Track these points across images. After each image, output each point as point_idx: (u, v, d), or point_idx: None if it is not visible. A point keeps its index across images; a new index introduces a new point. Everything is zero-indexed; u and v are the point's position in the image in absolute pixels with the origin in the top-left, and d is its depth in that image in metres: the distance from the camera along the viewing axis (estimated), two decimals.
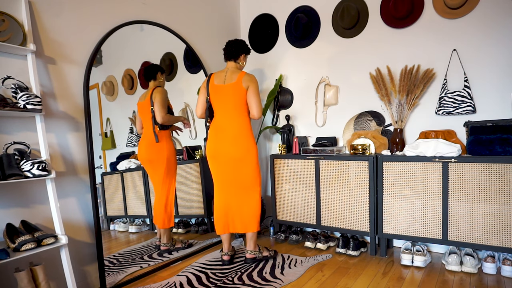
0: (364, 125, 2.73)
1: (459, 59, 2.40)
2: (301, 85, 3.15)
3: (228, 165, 2.33)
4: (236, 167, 2.33)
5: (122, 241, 2.57)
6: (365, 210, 2.47)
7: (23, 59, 1.77)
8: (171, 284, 2.09)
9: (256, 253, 2.40)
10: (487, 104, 2.32)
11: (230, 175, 2.36)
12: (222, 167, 2.36)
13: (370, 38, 2.76)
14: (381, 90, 2.59)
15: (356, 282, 2.07)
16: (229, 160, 2.32)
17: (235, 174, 2.35)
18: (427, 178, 2.24)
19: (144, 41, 2.57)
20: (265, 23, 3.32)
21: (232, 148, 2.29)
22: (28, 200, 1.80)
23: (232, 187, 2.38)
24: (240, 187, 2.37)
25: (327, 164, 2.62)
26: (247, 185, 2.36)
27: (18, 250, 1.52)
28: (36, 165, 1.62)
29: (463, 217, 2.15)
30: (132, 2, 2.39)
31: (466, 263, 2.12)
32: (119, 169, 2.50)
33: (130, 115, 2.53)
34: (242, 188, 2.37)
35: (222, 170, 2.37)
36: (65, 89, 1.98)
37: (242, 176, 2.35)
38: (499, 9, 2.25)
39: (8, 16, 1.68)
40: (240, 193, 2.38)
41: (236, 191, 2.38)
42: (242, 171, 2.34)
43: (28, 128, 1.79)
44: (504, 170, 2.01)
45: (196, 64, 2.94)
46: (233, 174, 2.35)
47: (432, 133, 2.44)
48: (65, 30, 1.98)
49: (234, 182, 2.37)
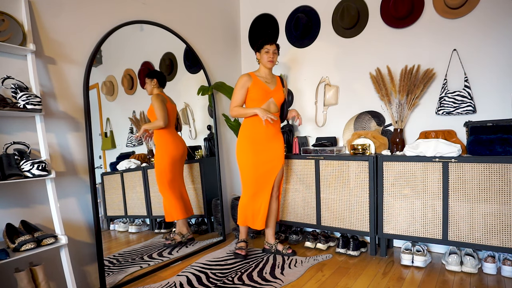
0: (364, 125, 2.73)
1: (459, 59, 2.40)
2: (301, 85, 3.15)
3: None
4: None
5: (122, 241, 2.57)
6: (365, 210, 2.47)
7: (23, 59, 1.77)
8: (171, 284, 2.09)
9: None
10: (487, 104, 2.32)
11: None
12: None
13: (370, 38, 2.76)
14: (381, 90, 2.59)
15: (356, 282, 2.07)
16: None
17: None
18: (427, 178, 2.24)
19: (144, 41, 2.57)
20: (265, 23, 3.32)
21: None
22: (28, 200, 1.80)
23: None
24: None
25: (327, 164, 2.62)
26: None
27: (18, 250, 1.52)
28: (36, 165, 1.62)
29: (463, 217, 2.15)
30: (132, 2, 2.39)
31: (466, 263, 2.12)
32: (119, 169, 2.50)
33: (130, 115, 2.53)
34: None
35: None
36: (65, 89, 1.98)
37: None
38: (499, 9, 2.25)
39: (8, 16, 1.68)
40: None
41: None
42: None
43: (28, 128, 1.79)
44: (504, 170, 2.01)
45: (196, 64, 2.93)
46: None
47: (432, 133, 2.43)
48: (65, 30, 1.98)
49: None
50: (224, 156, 3.19)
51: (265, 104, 2.44)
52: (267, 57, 2.42)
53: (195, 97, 2.92)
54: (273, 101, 2.47)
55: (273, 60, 2.44)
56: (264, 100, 2.44)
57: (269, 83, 2.47)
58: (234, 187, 3.33)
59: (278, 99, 2.48)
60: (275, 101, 2.48)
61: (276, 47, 2.46)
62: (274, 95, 2.46)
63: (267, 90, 2.44)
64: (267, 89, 2.44)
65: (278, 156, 2.49)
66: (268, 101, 2.45)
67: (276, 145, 2.50)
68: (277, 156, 2.49)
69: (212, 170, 3.00)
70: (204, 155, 3.02)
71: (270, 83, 2.48)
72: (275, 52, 2.44)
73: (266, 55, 2.42)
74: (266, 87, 2.44)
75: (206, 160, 2.97)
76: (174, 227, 2.75)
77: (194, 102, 2.96)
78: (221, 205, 2.99)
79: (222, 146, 3.15)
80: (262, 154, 2.47)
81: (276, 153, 2.49)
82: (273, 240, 2.59)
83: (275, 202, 2.58)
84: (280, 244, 2.58)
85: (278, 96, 2.48)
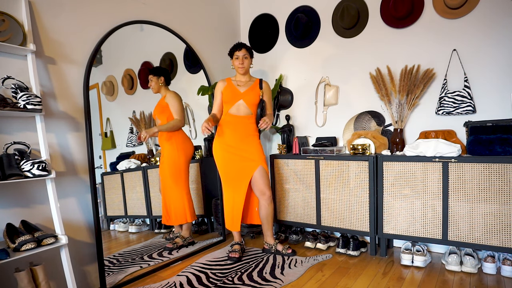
0: (364, 125, 2.73)
1: (459, 59, 2.40)
2: (301, 85, 3.15)
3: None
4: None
5: (122, 241, 2.57)
6: (365, 210, 2.47)
7: (23, 59, 1.77)
8: (171, 284, 2.09)
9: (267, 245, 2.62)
10: (487, 104, 2.32)
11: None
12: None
13: (370, 38, 2.76)
14: (381, 90, 2.59)
15: (356, 282, 2.07)
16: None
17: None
18: (427, 178, 2.24)
19: (144, 41, 2.57)
20: (265, 23, 3.32)
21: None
22: (28, 200, 1.80)
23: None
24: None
25: (327, 164, 2.62)
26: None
27: (18, 250, 1.52)
28: (36, 165, 1.62)
29: (463, 217, 2.15)
30: (132, 2, 2.39)
31: (466, 263, 2.12)
32: (119, 169, 2.50)
33: (130, 115, 2.54)
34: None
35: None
36: (65, 89, 1.98)
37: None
38: (499, 9, 2.25)
39: (8, 16, 1.68)
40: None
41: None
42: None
43: (28, 128, 1.79)
44: (504, 170, 2.01)
45: (196, 64, 2.94)
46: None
47: (432, 133, 2.43)
48: (65, 30, 1.98)
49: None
50: None
51: (234, 106, 2.47)
52: (237, 63, 2.47)
53: (195, 97, 2.92)
54: (243, 103, 2.47)
55: (244, 65, 2.46)
56: (232, 102, 2.47)
57: (241, 86, 2.50)
58: None
59: (248, 100, 2.47)
60: (246, 103, 2.47)
61: (247, 50, 2.47)
62: (243, 97, 2.46)
63: (236, 92, 2.47)
64: (236, 92, 2.47)
65: (250, 157, 2.46)
66: (237, 103, 2.47)
67: (248, 146, 2.48)
68: (250, 157, 2.46)
69: (212, 170, 3.00)
70: (204, 155, 3.02)
71: (242, 86, 2.50)
72: (245, 57, 2.46)
73: (236, 61, 2.48)
74: (235, 89, 2.48)
75: (206, 160, 2.97)
76: (173, 227, 2.75)
77: (194, 102, 2.97)
78: (221, 205, 2.98)
79: None
80: (232, 156, 2.47)
81: (248, 154, 2.47)
82: (272, 240, 2.59)
83: (269, 206, 2.48)
84: (280, 244, 2.58)
85: (248, 98, 2.46)
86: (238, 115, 2.47)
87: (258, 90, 2.50)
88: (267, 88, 2.56)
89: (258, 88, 2.51)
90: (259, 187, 2.46)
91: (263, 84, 2.54)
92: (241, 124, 2.47)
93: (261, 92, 2.50)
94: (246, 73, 2.53)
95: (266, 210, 2.49)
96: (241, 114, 2.48)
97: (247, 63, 2.48)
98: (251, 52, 2.52)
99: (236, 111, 2.47)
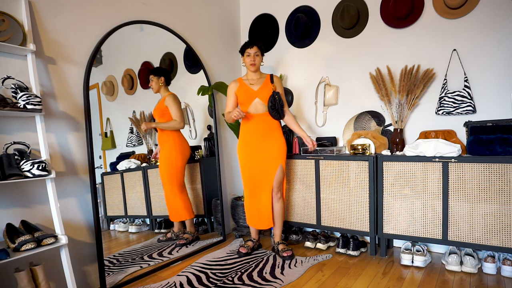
0: (364, 125, 2.73)
1: (459, 59, 2.40)
2: (301, 85, 3.15)
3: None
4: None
5: (122, 241, 2.57)
6: (365, 210, 2.47)
7: (23, 59, 1.77)
8: (171, 284, 2.09)
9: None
10: (487, 104, 2.32)
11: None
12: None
13: (370, 38, 2.76)
14: (381, 90, 2.59)
15: (356, 282, 2.07)
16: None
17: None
18: (427, 178, 2.24)
19: (144, 41, 2.57)
20: (265, 23, 3.32)
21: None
22: (28, 200, 1.80)
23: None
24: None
25: (327, 164, 2.62)
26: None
27: (18, 250, 1.52)
28: (36, 165, 1.62)
29: (463, 217, 2.15)
30: (132, 2, 2.39)
31: (466, 263, 2.12)
32: (119, 169, 2.50)
33: (130, 115, 2.54)
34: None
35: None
36: (65, 89, 1.98)
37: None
38: (499, 9, 2.25)
39: (8, 16, 1.68)
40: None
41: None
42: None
43: (28, 128, 1.79)
44: (504, 170, 2.01)
45: (196, 64, 2.94)
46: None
47: (432, 133, 2.43)
48: (65, 30, 1.98)
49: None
50: (224, 156, 3.19)
51: (251, 105, 2.47)
52: (249, 61, 2.46)
53: (195, 97, 2.92)
54: (259, 101, 2.47)
55: (255, 63, 2.45)
56: (249, 102, 2.47)
57: (254, 85, 2.49)
58: (234, 187, 3.33)
59: (264, 97, 2.47)
60: (262, 100, 2.47)
61: (258, 48, 2.46)
62: (258, 94, 2.46)
63: (250, 91, 2.47)
64: (250, 91, 2.47)
65: (274, 155, 2.49)
66: (254, 101, 2.47)
67: (272, 144, 2.49)
68: (273, 155, 2.48)
69: (212, 170, 3.00)
70: (204, 155, 3.02)
71: (254, 84, 2.49)
72: (257, 54, 2.45)
73: (248, 59, 2.46)
74: (249, 89, 2.48)
75: (206, 160, 2.97)
76: (173, 227, 2.75)
77: (194, 102, 2.97)
78: (221, 205, 2.99)
79: (222, 146, 3.15)
80: (256, 154, 2.48)
81: (271, 153, 2.48)
82: (277, 239, 2.61)
83: (277, 203, 2.55)
84: (282, 244, 2.58)
85: (263, 95, 2.46)
86: (257, 113, 2.49)
87: (270, 85, 2.50)
88: (279, 82, 2.56)
89: (270, 83, 2.51)
90: (277, 185, 2.53)
91: (274, 78, 2.53)
92: (262, 122, 2.48)
93: (273, 86, 2.49)
94: (257, 71, 2.53)
95: (279, 205, 2.55)
96: (259, 112, 2.49)
97: (258, 61, 2.47)
98: (262, 50, 2.51)
99: (254, 110, 2.48)
